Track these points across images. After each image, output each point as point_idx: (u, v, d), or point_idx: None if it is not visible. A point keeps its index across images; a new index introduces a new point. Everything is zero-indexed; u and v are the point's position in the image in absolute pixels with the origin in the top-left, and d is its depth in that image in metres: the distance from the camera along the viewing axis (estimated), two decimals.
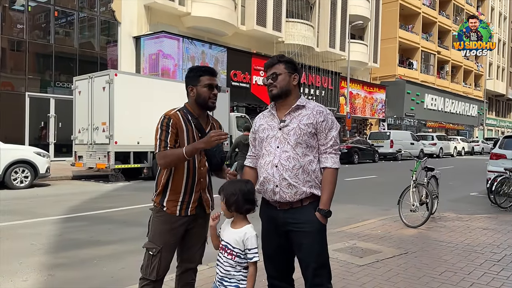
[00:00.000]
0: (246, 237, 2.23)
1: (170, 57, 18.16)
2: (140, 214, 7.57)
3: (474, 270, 4.30)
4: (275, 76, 2.45)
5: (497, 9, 55.02)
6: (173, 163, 2.53)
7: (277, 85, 2.45)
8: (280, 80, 2.45)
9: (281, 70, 2.46)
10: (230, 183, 2.35)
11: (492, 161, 10.73)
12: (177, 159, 2.49)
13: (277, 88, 2.45)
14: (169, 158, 2.50)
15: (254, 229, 2.28)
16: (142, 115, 12.53)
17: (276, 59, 2.51)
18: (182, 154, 2.46)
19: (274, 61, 2.50)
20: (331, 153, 2.42)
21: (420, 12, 38.98)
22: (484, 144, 38.91)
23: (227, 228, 2.33)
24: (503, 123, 61.09)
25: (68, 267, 4.52)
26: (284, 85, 2.45)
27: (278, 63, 2.48)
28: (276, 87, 2.45)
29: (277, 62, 2.49)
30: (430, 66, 42.24)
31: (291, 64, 2.50)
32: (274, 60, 2.51)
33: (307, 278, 2.39)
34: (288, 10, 24.78)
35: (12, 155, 10.50)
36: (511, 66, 60.69)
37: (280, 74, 2.45)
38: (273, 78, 2.46)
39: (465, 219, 7.11)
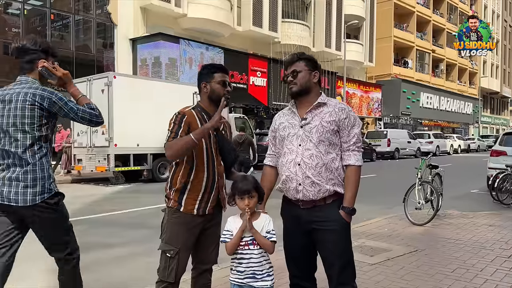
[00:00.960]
0: (267, 222, 2.30)
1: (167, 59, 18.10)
2: (145, 217, 7.54)
3: (486, 267, 4.29)
4: (295, 74, 2.43)
5: (490, 7, 55.38)
6: (181, 151, 2.43)
7: (297, 82, 2.43)
8: (300, 78, 2.42)
9: (301, 68, 2.44)
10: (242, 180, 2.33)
11: (492, 158, 10.77)
12: (184, 144, 2.40)
13: (297, 86, 2.43)
14: (176, 146, 2.42)
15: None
16: (141, 117, 12.50)
17: (296, 56, 2.49)
18: (190, 138, 2.39)
19: (294, 58, 2.48)
20: (354, 150, 2.40)
21: (414, 11, 39.15)
22: (480, 142, 39.13)
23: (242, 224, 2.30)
24: (497, 120, 61.47)
25: None
26: (305, 83, 2.43)
27: (298, 61, 2.46)
28: (296, 85, 2.43)
29: (297, 59, 2.47)
30: (425, 65, 42.44)
31: (311, 61, 2.48)
32: (294, 57, 2.49)
33: (332, 277, 2.37)
34: (284, 11, 24.80)
35: None
36: (504, 63, 61.07)
37: (300, 72, 2.43)
38: (293, 76, 2.44)
39: (470, 216, 7.12)
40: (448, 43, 45.44)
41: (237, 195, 2.30)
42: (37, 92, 2.55)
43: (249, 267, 2.27)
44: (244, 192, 2.27)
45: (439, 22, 43.49)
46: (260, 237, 2.26)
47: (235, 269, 2.31)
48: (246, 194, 2.27)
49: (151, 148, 12.91)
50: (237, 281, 2.30)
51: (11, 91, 2.58)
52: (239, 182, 2.32)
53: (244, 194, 2.27)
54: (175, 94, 13.67)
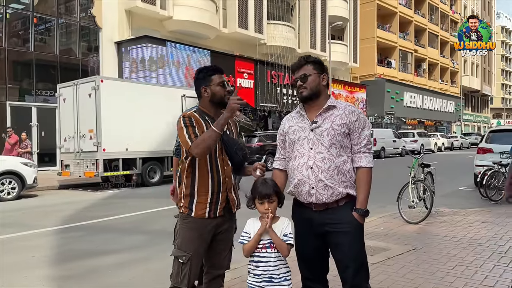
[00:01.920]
0: (286, 225, 2.32)
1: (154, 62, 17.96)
2: (140, 222, 7.47)
3: (484, 263, 4.37)
4: (305, 78, 2.43)
5: (469, 7, 56.48)
6: (208, 146, 2.43)
7: (307, 86, 2.42)
8: (310, 82, 2.42)
9: (310, 71, 2.44)
10: (263, 184, 2.33)
11: (479, 155, 10.98)
12: (209, 138, 2.41)
13: (308, 90, 2.43)
14: (203, 142, 2.41)
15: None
16: (130, 121, 12.40)
17: (304, 60, 2.48)
18: (213, 130, 2.39)
19: (302, 62, 2.47)
20: (365, 152, 2.42)
21: (396, 11, 39.65)
22: (462, 139, 39.81)
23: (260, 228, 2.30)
24: (478, 118, 62.64)
25: (77, 279, 4.41)
26: (315, 86, 2.43)
27: (306, 64, 2.46)
28: (307, 89, 2.43)
29: (305, 63, 2.46)
30: (407, 65, 42.98)
31: (319, 64, 2.48)
32: (301, 61, 2.48)
33: (346, 278, 2.38)
34: (269, 12, 24.86)
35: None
36: (484, 62, 62.28)
37: (309, 75, 2.43)
38: (302, 80, 2.43)
39: (462, 214, 7.24)
40: (429, 43, 46.16)
41: (257, 199, 2.29)
42: None
43: (266, 270, 2.27)
44: (264, 196, 2.27)
45: (421, 23, 44.13)
46: (277, 239, 2.26)
47: (252, 272, 2.31)
48: (266, 198, 2.28)
49: (140, 152, 12.80)
50: (254, 284, 2.30)
51: None
52: (260, 186, 2.32)
53: (264, 198, 2.27)
54: (163, 97, 13.61)
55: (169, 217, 7.63)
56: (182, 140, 2.50)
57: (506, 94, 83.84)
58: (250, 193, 2.36)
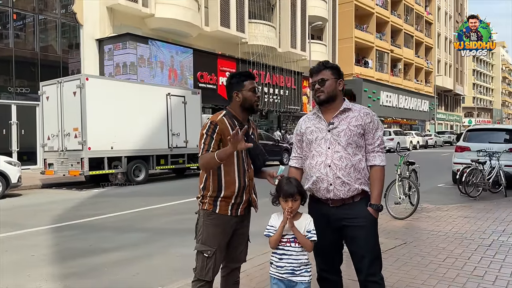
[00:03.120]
0: (309, 222, 2.48)
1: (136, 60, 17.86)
2: (133, 220, 7.52)
3: (472, 255, 4.66)
4: (323, 82, 2.60)
5: (443, 9, 57.96)
6: (208, 166, 2.60)
7: (325, 90, 2.59)
8: (327, 86, 2.59)
9: (328, 76, 2.61)
10: (288, 184, 2.49)
11: (457, 153, 11.42)
12: (210, 161, 2.55)
13: (325, 94, 2.60)
14: (204, 160, 2.59)
15: None
16: (115, 119, 12.35)
17: (323, 65, 2.65)
18: (214, 159, 2.52)
19: (321, 67, 2.64)
20: (378, 151, 2.61)
21: (373, 12, 40.39)
22: (436, 138, 40.97)
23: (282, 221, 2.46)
24: (451, 117, 64.46)
25: (80, 277, 4.47)
26: (332, 91, 2.60)
27: (324, 69, 2.63)
28: (324, 93, 2.60)
29: (324, 68, 2.63)
30: (384, 65, 43.85)
31: (336, 70, 2.65)
32: (320, 66, 2.65)
33: (361, 269, 2.56)
34: (251, 11, 24.98)
35: None
36: (457, 62, 64.09)
37: (327, 80, 2.60)
38: (320, 84, 2.60)
39: (445, 209, 7.58)
40: (405, 43, 47.20)
41: (282, 197, 2.45)
42: None
43: (289, 263, 2.43)
44: (289, 196, 2.43)
45: (397, 23, 45.07)
46: (300, 236, 2.43)
47: (275, 264, 2.47)
48: (290, 197, 2.43)
49: (126, 151, 12.76)
50: (277, 275, 2.46)
51: None
52: (284, 185, 2.47)
53: (288, 197, 2.43)
54: (148, 95, 13.59)
55: (162, 216, 7.79)
56: (198, 145, 2.68)
57: (477, 94, 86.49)
58: (276, 191, 2.52)
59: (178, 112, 14.32)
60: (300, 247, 2.44)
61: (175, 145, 14.20)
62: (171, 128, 14.06)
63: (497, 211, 7.25)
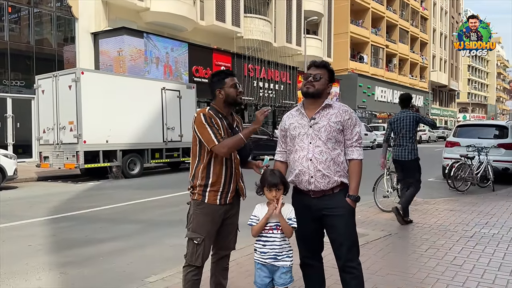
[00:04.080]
0: (290, 210, 2.66)
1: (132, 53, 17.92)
2: (127, 212, 7.68)
3: (453, 246, 4.86)
4: (318, 78, 2.75)
5: (438, 4, 58.10)
6: (235, 148, 2.84)
7: (316, 85, 2.74)
8: (320, 83, 2.75)
9: (324, 75, 2.78)
10: (271, 175, 2.67)
11: (447, 148, 11.66)
12: (236, 143, 2.79)
13: (314, 88, 2.75)
14: (231, 144, 2.78)
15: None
16: (110, 113, 12.47)
17: (324, 65, 2.82)
18: (241, 138, 2.78)
19: (322, 65, 2.81)
20: (356, 146, 2.78)
21: (369, 7, 40.47)
22: (430, 133, 41.23)
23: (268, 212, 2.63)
24: (446, 112, 64.84)
25: (77, 265, 4.63)
26: (321, 89, 2.76)
27: (324, 68, 2.80)
28: (314, 87, 2.75)
29: (324, 67, 2.80)
30: (379, 60, 44.00)
31: (332, 74, 2.84)
32: (321, 63, 2.82)
33: (340, 255, 2.74)
34: (246, 6, 25.03)
35: None
36: (452, 58, 64.39)
37: (322, 78, 2.76)
38: (314, 78, 2.76)
39: (432, 203, 7.79)
40: (400, 39, 47.35)
41: (266, 187, 2.63)
42: None
43: (272, 249, 2.61)
44: (273, 185, 2.61)
45: (392, 18, 45.19)
46: (284, 222, 2.61)
47: (259, 250, 2.64)
48: (274, 187, 2.61)
49: (121, 144, 12.89)
50: (261, 261, 2.64)
51: None
52: (268, 176, 2.65)
53: (272, 187, 2.61)
54: (144, 90, 13.70)
55: (156, 208, 7.97)
56: (207, 138, 2.79)
57: (471, 89, 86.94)
58: (260, 182, 2.69)
59: (173, 106, 14.45)
60: (281, 234, 2.62)
61: (170, 139, 14.33)
62: (166, 122, 14.18)
63: (483, 204, 7.47)
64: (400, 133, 6.38)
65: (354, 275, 2.72)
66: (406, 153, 6.31)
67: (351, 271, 2.72)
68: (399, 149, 6.37)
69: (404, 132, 6.33)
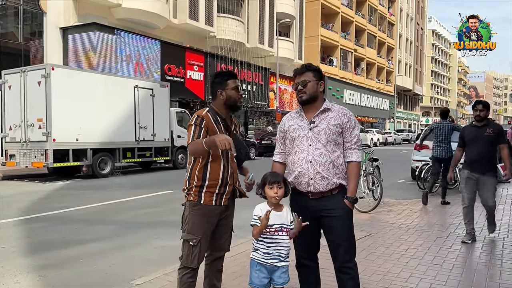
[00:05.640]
0: (291, 213, 2.68)
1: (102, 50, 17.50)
2: (102, 213, 7.51)
3: (431, 246, 5.02)
4: (305, 83, 2.79)
5: (405, 11, 59.82)
6: (197, 151, 2.74)
7: (307, 91, 2.78)
8: (309, 87, 2.79)
9: (310, 78, 2.80)
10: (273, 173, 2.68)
11: (416, 151, 12.01)
12: (199, 148, 2.71)
13: (307, 95, 2.79)
14: (193, 146, 2.74)
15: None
16: (81, 111, 12.16)
17: (306, 67, 2.84)
18: (202, 146, 2.68)
19: (303, 69, 2.83)
20: (355, 149, 2.83)
21: (339, 11, 41.19)
22: (396, 136, 42.44)
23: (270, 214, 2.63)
24: (410, 115, 66.82)
25: (56, 268, 4.48)
26: (313, 92, 2.80)
27: (307, 71, 2.82)
28: (306, 94, 2.79)
29: (306, 70, 2.82)
30: (348, 63, 44.84)
31: (318, 72, 2.85)
32: (303, 68, 2.84)
33: (337, 256, 2.78)
34: (219, 5, 24.94)
35: None
36: (416, 63, 66.42)
37: (309, 82, 2.79)
38: (303, 85, 2.80)
39: (405, 204, 8.02)
40: (368, 43, 48.43)
41: (268, 184, 2.63)
42: None
43: (277, 250, 2.62)
44: (274, 182, 2.62)
45: (361, 23, 46.17)
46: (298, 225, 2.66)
47: (262, 251, 2.63)
48: (276, 183, 2.62)
49: (91, 143, 12.58)
50: (262, 261, 2.64)
51: None
52: (269, 175, 2.66)
53: (274, 184, 2.62)
54: (116, 87, 13.43)
55: (131, 209, 7.83)
56: (188, 135, 2.81)
57: (434, 94, 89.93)
58: (261, 181, 2.69)
59: (146, 105, 14.23)
60: (286, 236, 2.63)
61: (142, 138, 14.11)
62: (139, 121, 13.95)
63: (453, 206, 7.75)
64: (439, 138, 8.14)
65: (351, 276, 2.77)
66: (446, 152, 8.06)
67: (348, 272, 2.77)
68: (439, 149, 8.15)
69: (443, 137, 8.10)
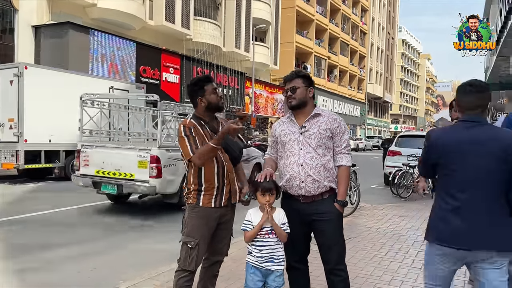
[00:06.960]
0: (283, 216, 2.74)
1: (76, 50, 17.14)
2: (80, 216, 7.38)
3: (410, 249, 5.19)
4: (294, 90, 2.86)
5: (376, 20, 61.26)
6: (206, 158, 2.78)
7: (296, 97, 2.86)
8: (298, 93, 2.86)
9: (299, 84, 2.88)
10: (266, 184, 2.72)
11: (389, 157, 12.33)
12: (209, 152, 2.75)
13: (296, 100, 2.87)
14: (203, 154, 2.76)
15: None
16: (54, 111, 11.85)
17: (295, 74, 2.92)
18: (212, 146, 2.73)
19: (293, 76, 2.91)
20: (345, 153, 2.91)
21: (313, 19, 41.78)
22: (366, 142, 43.35)
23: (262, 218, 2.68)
24: (380, 122, 68.35)
25: (37, 271, 4.39)
26: (302, 97, 2.87)
27: (296, 78, 2.90)
28: (295, 99, 2.87)
29: (296, 76, 2.90)
30: (321, 70, 45.48)
31: (307, 78, 2.93)
32: (292, 75, 2.92)
33: (329, 259, 2.86)
34: (196, 8, 24.85)
35: None
36: (387, 72, 68.07)
37: (298, 88, 2.87)
38: (292, 91, 2.87)
39: (381, 208, 8.23)
40: (341, 51, 49.30)
41: (260, 192, 2.68)
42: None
43: (268, 252, 2.66)
44: (267, 190, 2.67)
45: (335, 31, 46.96)
46: (277, 228, 2.67)
47: (256, 255, 2.68)
48: (268, 192, 2.67)
49: (64, 144, 12.26)
50: (256, 264, 2.68)
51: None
52: (263, 182, 2.69)
53: (266, 192, 2.66)
54: (91, 88, 13.11)
55: (109, 212, 7.67)
56: (184, 150, 2.81)
57: (403, 102, 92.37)
58: (252, 186, 2.74)
59: None
60: (276, 238, 2.68)
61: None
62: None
63: (427, 211, 7.96)
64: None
65: (342, 278, 2.85)
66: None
67: (339, 274, 2.85)
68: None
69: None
